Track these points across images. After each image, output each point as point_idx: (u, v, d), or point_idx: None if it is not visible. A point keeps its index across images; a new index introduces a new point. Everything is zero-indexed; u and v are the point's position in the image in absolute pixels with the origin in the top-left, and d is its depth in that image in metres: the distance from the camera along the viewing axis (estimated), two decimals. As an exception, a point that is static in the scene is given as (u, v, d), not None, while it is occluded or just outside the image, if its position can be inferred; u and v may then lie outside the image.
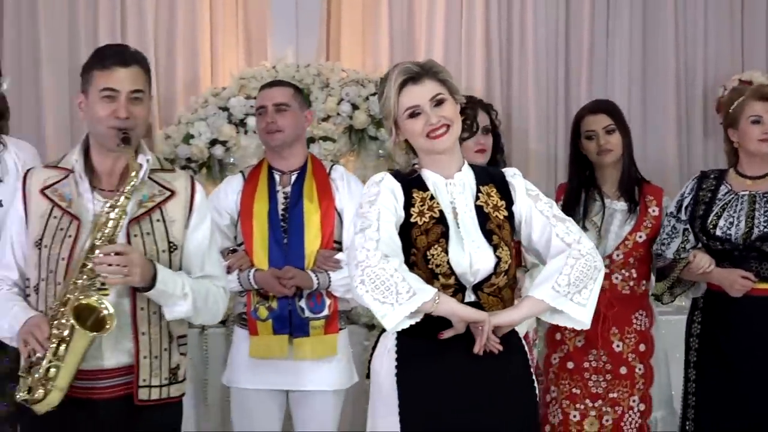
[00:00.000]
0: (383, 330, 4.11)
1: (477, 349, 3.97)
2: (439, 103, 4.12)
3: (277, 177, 5.36)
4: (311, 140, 8.15)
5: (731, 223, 5.19)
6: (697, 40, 9.73)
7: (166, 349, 4.09)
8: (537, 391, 4.26)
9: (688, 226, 5.27)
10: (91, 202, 4.09)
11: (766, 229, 5.12)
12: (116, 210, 3.95)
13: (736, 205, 5.23)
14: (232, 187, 5.44)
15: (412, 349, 4.11)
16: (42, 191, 4.12)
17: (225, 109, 8.28)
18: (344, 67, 8.93)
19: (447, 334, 4.01)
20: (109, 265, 3.85)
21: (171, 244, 4.10)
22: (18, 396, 3.94)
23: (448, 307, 3.96)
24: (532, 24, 9.49)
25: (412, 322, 3.96)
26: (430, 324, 4.01)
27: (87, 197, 4.09)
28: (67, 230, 4.03)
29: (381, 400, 4.19)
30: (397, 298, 3.89)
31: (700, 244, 5.26)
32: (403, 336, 4.10)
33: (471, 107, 4.32)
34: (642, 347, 5.41)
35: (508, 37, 9.54)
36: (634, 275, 5.40)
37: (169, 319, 4.08)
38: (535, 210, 4.17)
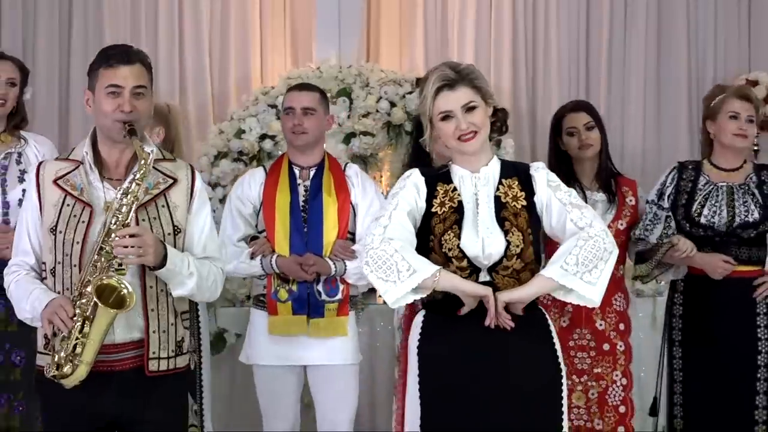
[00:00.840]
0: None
1: (487, 322, 4.03)
2: (470, 109, 4.16)
3: (297, 171, 5.39)
4: (353, 135, 8.23)
5: (714, 212, 5.23)
6: (707, 43, 9.71)
7: (173, 324, 4.11)
8: (562, 366, 4.25)
9: (670, 213, 5.30)
10: (101, 191, 4.09)
11: (746, 218, 5.15)
12: (129, 196, 3.96)
13: (717, 196, 5.27)
14: (255, 179, 5.46)
15: (435, 325, 4.20)
16: (55, 182, 4.11)
17: (273, 106, 8.31)
18: (383, 67, 8.96)
19: (463, 310, 4.10)
20: (125, 246, 3.87)
21: (175, 228, 4.12)
22: (47, 373, 3.95)
23: (450, 283, 4.04)
24: (555, 27, 9.51)
25: (417, 297, 4.07)
26: (452, 302, 4.11)
27: (97, 186, 4.10)
28: (80, 217, 4.04)
29: (412, 375, 4.24)
30: (399, 276, 4.00)
31: (682, 230, 5.27)
32: (428, 314, 4.22)
33: (502, 111, 4.33)
34: (621, 326, 5.45)
35: (534, 39, 9.54)
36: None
37: (175, 296, 4.10)
38: (554, 198, 4.21)
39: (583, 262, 4.04)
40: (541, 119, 9.36)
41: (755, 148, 5.52)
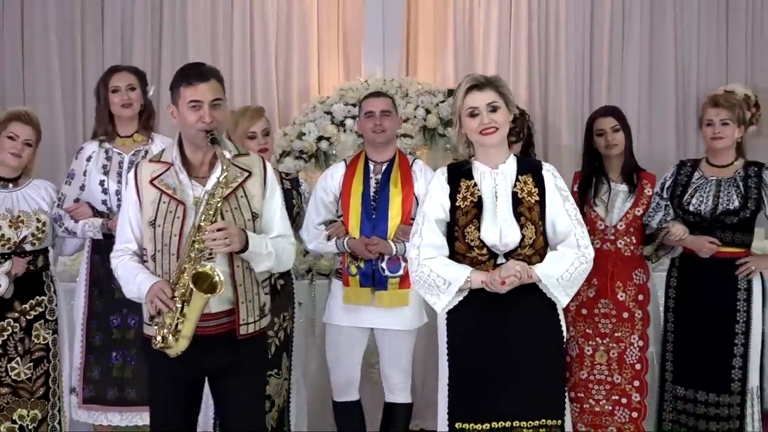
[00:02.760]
0: None
1: (494, 278, 4.07)
2: (493, 109, 4.19)
3: (371, 166, 5.43)
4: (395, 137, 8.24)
5: (701, 201, 5.24)
6: (691, 58, 9.74)
7: (256, 293, 4.17)
8: (564, 330, 4.28)
9: (668, 203, 5.30)
10: (190, 188, 4.13)
11: (728, 206, 5.15)
12: (215, 196, 4.01)
13: (706, 187, 5.27)
14: (336, 172, 5.50)
15: (464, 301, 4.19)
16: (151, 182, 4.15)
17: (329, 113, 8.39)
18: (420, 80, 9.00)
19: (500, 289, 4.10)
20: (215, 240, 3.93)
21: (254, 214, 4.15)
22: (155, 345, 4.03)
23: (478, 282, 4.10)
24: (563, 45, 9.57)
25: (460, 298, 4.16)
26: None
27: (187, 184, 4.13)
28: (175, 212, 4.08)
29: (442, 340, 4.27)
30: (439, 290, 4.13)
31: (677, 217, 5.27)
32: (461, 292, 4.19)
33: (521, 120, 4.34)
34: (640, 297, 5.44)
35: (546, 55, 9.60)
36: (634, 241, 5.42)
37: (257, 272, 4.15)
38: (563, 209, 4.22)
39: (572, 281, 4.16)
40: (552, 121, 9.48)
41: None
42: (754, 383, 5.23)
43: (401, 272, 5.31)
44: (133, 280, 4.11)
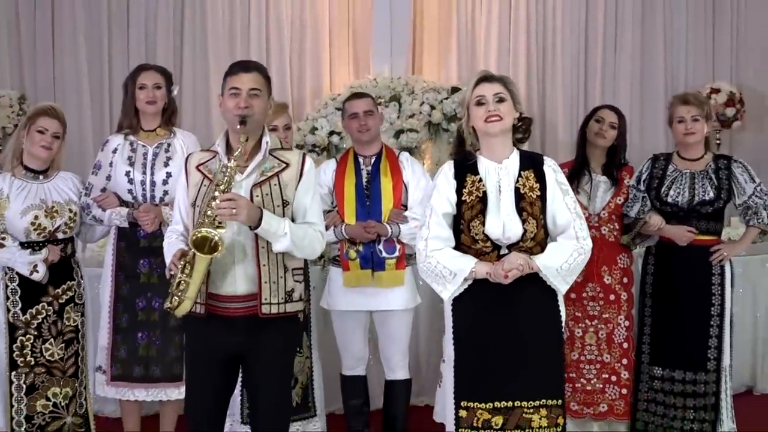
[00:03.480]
0: None
1: (497, 269, 4.05)
2: (500, 100, 4.12)
3: (361, 159, 5.40)
4: (401, 132, 8.28)
5: (678, 193, 5.21)
6: (679, 59, 9.76)
7: (282, 276, 4.11)
8: (563, 317, 4.24)
9: (645, 194, 5.29)
10: None
11: (703, 197, 5.15)
12: (229, 170, 3.99)
13: (681, 180, 5.25)
14: (329, 168, 5.48)
15: (469, 289, 4.16)
16: (197, 167, 4.18)
17: (339, 109, 8.27)
18: (425, 78, 9.01)
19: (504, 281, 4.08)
20: (221, 208, 3.92)
21: (284, 201, 4.12)
22: (165, 306, 4.06)
23: (482, 272, 4.07)
24: (560, 47, 9.60)
25: (465, 287, 4.13)
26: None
27: None
28: (212, 194, 4.03)
29: (448, 326, 4.26)
30: (445, 281, 4.11)
31: (652, 208, 5.26)
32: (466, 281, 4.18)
33: (527, 121, 4.31)
34: (625, 279, 5.43)
35: (543, 57, 9.64)
36: (617, 228, 5.41)
37: (275, 252, 4.10)
38: (563, 202, 4.19)
39: (571, 271, 4.12)
40: (549, 119, 9.52)
41: (717, 141, 5.45)
42: (727, 362, 5.23)
43: (397, 254, 5.30)
44: (168, 255, 4.13)
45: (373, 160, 5.40)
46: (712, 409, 5.19)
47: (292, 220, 4.15)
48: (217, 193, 3.96)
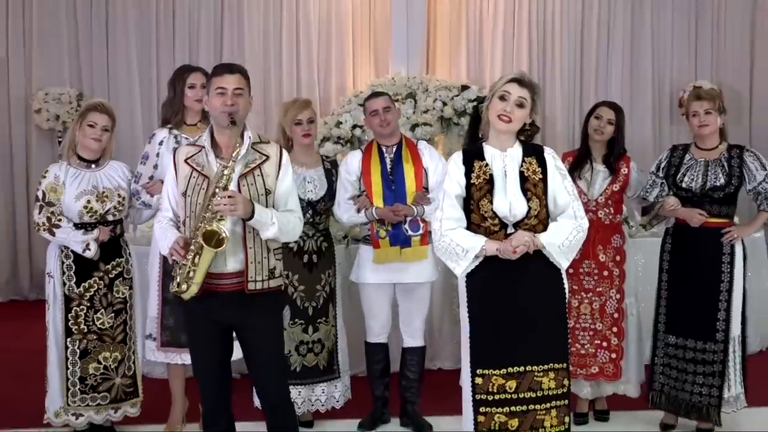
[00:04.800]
0: None
1: (506, 246, 4.00)
2: (520, 105, 4.07)
3: (383, 149, 5.35)
4: (416, 125, 8.26)
5: (692, 179, 5.14)
6: (665, 60, 9.74)
7: (265, 257, 4.08)
8: (566, 289, 4.20)
9: (664, 180, 5.22)
10: (215, 166, 4.08)
11: (715, 183, 5.08)
12: (227, 170, 3.98)
13: (696, 168, 5.18)
14: (355, 158, 5.42)
15: (480, 265, 4.10)
16: (185, 161, 4.13)
17: (361, 105, 8.23)
18: (438, 78, 8.98)
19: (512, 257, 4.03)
20: (222, 204, 3.91)
21: (267, 190, 4.10)
22: (171, 289, 4.04)
23: (492, 250, 4.02)
24: (558, 49, 9.58)
25: (476, 263, 4.07)
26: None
27: (213, 163, 4.08)
28: (201, 185, 4.05)
29: (462, 300, 4.21)
30: (458, 257, 4.06)
31: (671, 192, 5.20)
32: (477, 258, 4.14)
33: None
34: (618, 258, 5.38)
35: (543, 58, 9.62)
36: (612, 212, 5.34)
37: (264, 239, 4.08)
38: (562, 185, 4.14)
39: (571, 248, 4.08)
40: (548, 113, 9.48)
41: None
42: (735, 333, 5.17)
43: (421, 231, 5.25)
44: (164, 238, 4.10)
45: (394, 149, 5.34)
46: (719, 376, 5.11)
47: (277, 206, 4.15)
48: (217, 190, 3.94)
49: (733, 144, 5.30)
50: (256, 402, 4.88)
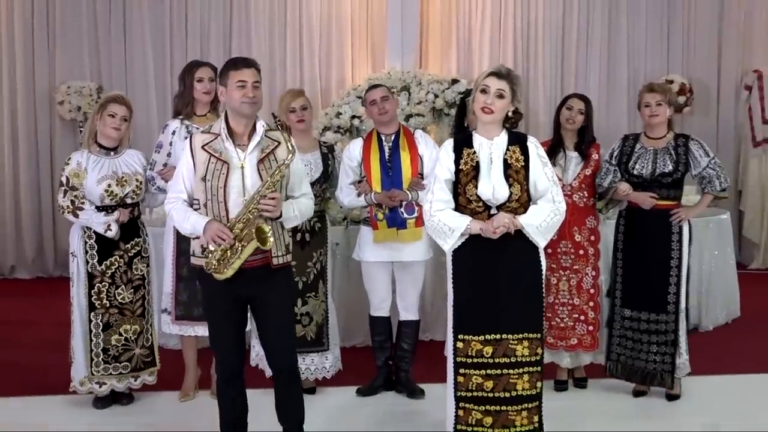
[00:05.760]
0: None
1: (488, 226, 4.05)
2: (499, 96, 4.09)
3: (383, 137, 5.34)
4: (410, 116, 8.26)
5: (643, 166, 5.16)
6: (639, 55, 9.77)
7: (281, 234, 4.09)
8: (543, 266, 4.22)
9: (616, 167, 5.23)
10: (233, 152, 4.06)
11: (663, 170, 5.10)
12: (276, 175, 4.00)
13: (646, 155, 5.19)
14: (356, 145, 5.41)
15: (466, 243, 4.14)
16: (202, 147, 4.09)
17: (359, 97, 8.29)
18: (430, 72, 9.00)
19: (493, 236, 4.07)
20: (270, 206, 3.94)
21: (281, 175, 4.09)
22: (207, 269, 4.01)
23: (475, 229, 4.08)
24: (541, 45, 9.59)
25: (462, 240, 4.13)
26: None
27: (231, 149, 4.05)
28: (221, 170, 4.02)
29: (449, 273, 4.24)
30: (445, 236, 4.12)
31: (624, 178, 5.20)
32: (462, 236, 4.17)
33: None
34: (592, 237, 5.39)
35: (527, 54, 9.63)
36: (586, 195, 5.34)
37: (286, 227, 4.11)
38: (543, 172, 4.16)
39: (549, 229, 4.12)
40: (531, 105, 9.49)
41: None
42: (683, 305, 5.19)
43: (416, 214, 5.25)
44: (187, 220, 4.06)
45: (393, 138, 5.33)
46: (671, 345, 5.16)
47: (290, 191, 4.18)
48: (267, 192, 3.96)
49: (680, 133, 5.34)
50: (269, 372, 4.91)
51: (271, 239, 3.94)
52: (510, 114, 4.19)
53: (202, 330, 5.23)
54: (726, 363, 5.99)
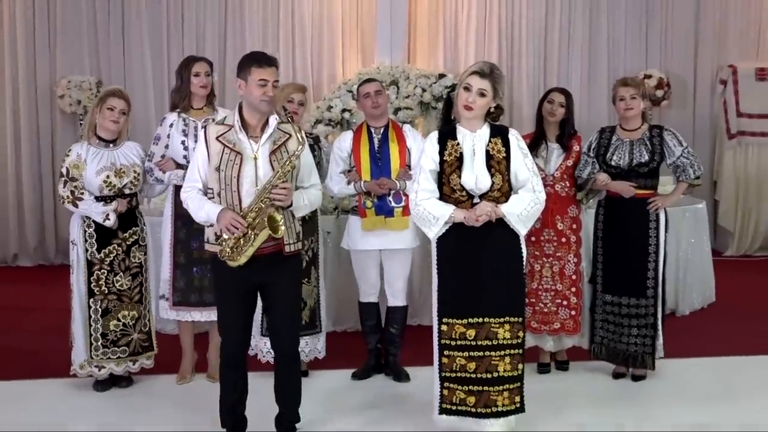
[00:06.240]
0: None
1: (470, 223, 4.07)
2: (481, 94, 4.11)
3: (372, 130, 5.33)
4: (399, 109, 8.27)
5: (620, 157, 5.17)
6: (619, 51, 9.76)
7: (292, 223, 4.10)
8: (524, 253, 4.24)
9: (594, 159, 5.23)
10: (247, 143, 4.07)
11: (639, 160, 5.11)
12: (287, 165, 4.00)
13: (623, 147, 5.20)
14: (347, 137, 5.40)
15: (450, 230, 4.15)
16: (216, 138, 4.09)
17: (350, 91, 8.32)
18: (418, 67, 8.98)
19: (475, 224, 4.08)
20: (282, 195, 3.95)
21: (292, 166, 4.10)
22: (221, 256, 4.02)
23: (459, 217, 4.09)
24: (525, 40, 9.57)
25: (446, 228, 4.15)
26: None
27: (245, 141, 4.06)
28: (234, 161, 4.02)
29: (433, 259, 4.26)
30: (430, 224, 4.14)
31: (602, 169, 5.20)
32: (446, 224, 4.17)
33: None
34: (574, 226, 5.39)
35: (510, 50, 9.60)
36: (568, 185, 5.33)
37: (296, 216, 4.13)
38: (523, 163, 4.18)
39: (529, 217, 4.15)
40: (516, 99, 9.48)
41: (650, 116, 5.38)
42: (661, 290, 5.21)
43: (403, 203, 5.24)
44: (202, 208, 4.07)
45: (382, 131, 5.33)
46: (651, 328, 5.19)
47: (300, 182, 4.18)
48: (278, 182, 3.97)
49: (654, 125, 5.35)
50: (264, 359, 4.92)
51: (283, 227, 3.95)
52: (492, 109, 4.22)
53: (198, 315, 5.26)
54: (702, 346, 6.01)
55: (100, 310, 5.00)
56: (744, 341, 6.12)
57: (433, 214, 4.12)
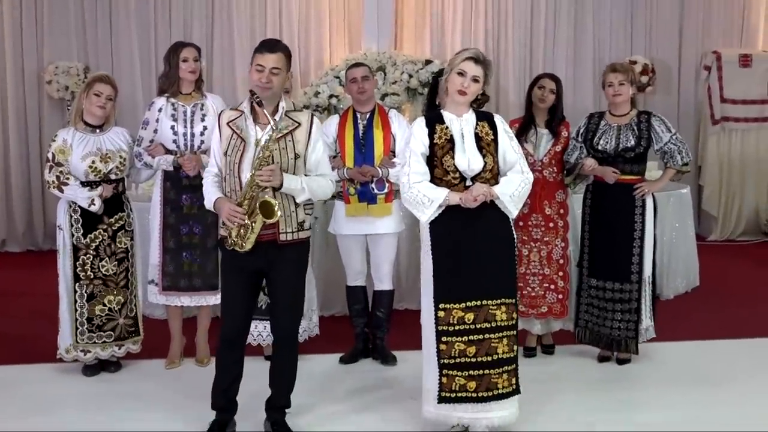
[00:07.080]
0: None
1: (467, 204, 4.04)
2: (475, 80, 4.09)
3: (358, 115, 5.30)
4: (386, 95, 8.25)
5: (607, 142, 5.16)
6: (604, 37, 9.73)
7: (293, 211, 4.05)
8: (514, 236, 4.22)
9: (582, 144, 5.21)
10: (252, 130, 4.05)
11: (626, 145, 5.10)
12: (268, 148, 3.95)
13: (610, 132, 5.20)
14: (333, 121, 5.37)
15: (442, 214, 4.11)
16: (228, 123, 4.09)
17: (337, 77, 8.30)
18: (405, 53, 8.96)
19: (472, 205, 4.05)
20: (262, 177, 3.91)
21: (296, 155, 4.05)
22: (228, 246, 4.02)
23: (454, 200, 4.05)
24: (511, 26, 9.54)
25: (439, 211, 4.10)
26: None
27: (251, 127, 4.05)
28: (239, 147, 4.02)
29: (426, 244, 4.20)
30: (424, 206, 4.09)
31: (589, 154, 5.18)
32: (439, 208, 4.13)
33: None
34: (562, 211, 5.38)
35: (497, 37, 9.54)
36: (556, 171, 5.32)
37: (299, 202, 4.07)
38: (510, 145, 4.18)
39: (520, 197, 4.14)
40: (502, 85, 9.44)
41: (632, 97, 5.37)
42: (647, 274, 5.22)
43: (386, 190, 5.22)
44: (207, 195, 4.12)
45: (368, 116, 5.29)
46: (634, 312, 5.19)
47: (310, 171, 4.14)
48: (264, 163, 3.94)
49: (642, 110, 5.33)
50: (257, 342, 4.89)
51: (279, 212, 3.90)
52: (478, 96, 4.20)
53: (187, 300, 5.23)
54: (686, 330, 6.01)
55: (85, 294, 4.96)
56: (727, 325, 6.13)
57: (427, 196, 4.07)
